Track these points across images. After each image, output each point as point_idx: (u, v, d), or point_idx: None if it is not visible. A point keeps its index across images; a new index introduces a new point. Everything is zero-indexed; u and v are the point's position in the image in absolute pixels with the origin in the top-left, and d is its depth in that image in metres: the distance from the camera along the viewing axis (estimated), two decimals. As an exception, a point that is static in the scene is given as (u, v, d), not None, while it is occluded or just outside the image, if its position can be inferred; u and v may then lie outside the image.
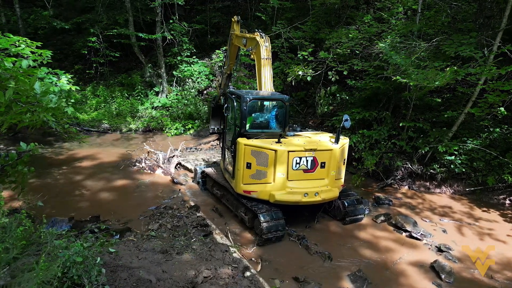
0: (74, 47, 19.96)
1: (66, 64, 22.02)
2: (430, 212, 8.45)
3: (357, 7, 15.23)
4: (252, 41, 8.91)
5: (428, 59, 8.81)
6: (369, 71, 10.48)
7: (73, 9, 21.97)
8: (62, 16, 21.35)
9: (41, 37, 22.85)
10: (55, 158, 11.54)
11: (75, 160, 11.31)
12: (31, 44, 6.26)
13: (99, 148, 12.90)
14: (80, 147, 12.95)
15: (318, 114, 12.40)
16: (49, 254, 3.23)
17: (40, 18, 19.76)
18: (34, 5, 21.80)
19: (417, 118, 10.26)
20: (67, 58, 21.98)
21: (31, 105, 4.00)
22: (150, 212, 7.77)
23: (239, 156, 6.91)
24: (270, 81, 8.33)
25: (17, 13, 18.64)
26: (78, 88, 6.26)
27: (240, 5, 20.33)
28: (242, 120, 7.08)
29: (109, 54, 18.15)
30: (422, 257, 6.47)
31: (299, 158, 6.85)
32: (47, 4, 20.28)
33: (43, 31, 22.33)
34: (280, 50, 13.91)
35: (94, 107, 17.12)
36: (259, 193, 6.95)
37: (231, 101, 7.70)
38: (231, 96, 7.65)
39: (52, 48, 21.47)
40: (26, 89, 3.75)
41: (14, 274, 2.72)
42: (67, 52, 21.61)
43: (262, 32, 8.76)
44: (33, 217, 6.79)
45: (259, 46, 8.41)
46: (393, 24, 11.09)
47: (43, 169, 10.34)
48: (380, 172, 10.04)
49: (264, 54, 8.35)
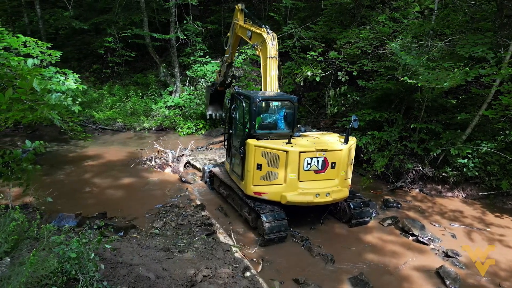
0: (92, 47, 20.42)
1: (85, 63, 22.60)
2: (439, 216, 8.24)
3: (372, 7, 15.01)
4: (258, 37, 8.73)
5: (440, 59, 8.59)
6: (380, 71, 10.30)
7: (93, 10, 22.49)
8: (82, 16, 21.89)
9: (62, 37, 23.56)
10: (68, 155, 11.83)
11: (88, 158, 11.57)
12: (41, 44, 6.43)
13: (112, 146, 13.15)
14: (94, 145, 13.24)
15: (328, 115, 12.27)
16: (44, 249, 3.30)
17: (61, 18, 20.30)
18: (55, 6, 22.40)
19: (429, 120, 10.02)
20: (86, 57, 22.54)
21: (33, 102, 4.11)
22: (156, 210, 7.87)
23: (249, 157, 6.84)
24: (276, 81, 8.23)
25: (38, 14, 19.20)
26: (85, 87, 6.40)
27: (254, 5, 20.33)
28: (251, 121, 7.00)
29: (125, 54, 18.49)
30: (428, 262, 6.31)
31: (310, 159, 6.83)
32: (68, 5, 20.84)
33: (64, 31, 22.98)
34: (292, 50, 13.84)
35: (110, 106, 17.46)
36: (270, 194, 6.89)
37: (239, 102, 7.62)
38: (239, 97, 7.56)
39: (72, 48, 21.93)
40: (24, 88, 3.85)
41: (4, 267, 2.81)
42: (86, 52, 22.16)
43: (269, 28, 8.62)
44: (42, 212, 6.99)
45: (265, 43, 8.25)
46: (404, 24, 10.86)
47: (56, 166, 10.63)
48: (390, 174, 9.86)
49: (270, 53, 8.20)
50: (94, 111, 16.55)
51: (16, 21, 23.35)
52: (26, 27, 21.40)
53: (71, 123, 5.43)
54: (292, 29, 13.52)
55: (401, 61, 8.26)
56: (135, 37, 17.54)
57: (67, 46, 23.04)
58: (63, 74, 6.00)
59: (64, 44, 23.42)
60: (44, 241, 3.40)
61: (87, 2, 22.58)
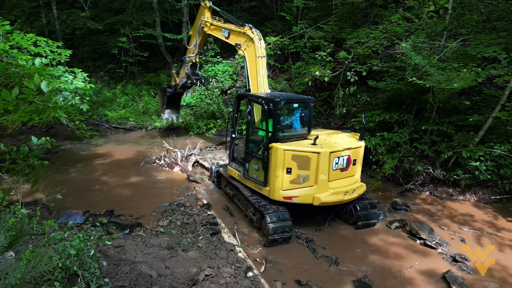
0: (106, 47, 20.77)
1: (100, 63, 23.00)
2: (449, 220, 8.07)
3: (385, 6, 14.82)
4: (240, 36, 8.58)
5: (453, 60, 8.41)
6: (391, 71, 10.15)
7: (109, 11, 22.87)
8: (98, 17, 22.29)
9: (79, 37, 24.03)
10: (81, 153, 12.06)
11: (99, 156, 11.77)
12: (52, 43, 6.58)
13: (123, 145, 13.34)
14: (106, 143, 13.49)
15: (337, 115, 12.16)
16: (45, 245, 3.37)
17: (77, 19, 20.71)
18: (72, 6, 22.88)
19: (441, 121, 9.82)
20: (101, 57, 22.92)
21: (39, 103, 4.20)
22: (162, 208, 7.94)
23: (277, 162, 6.64)
24: (266, 81, 8.25)
25: (54, 14, 19.63)
26: (93, 86, 6.52)
27: (266, 5, 20.33)
28: (275, 124, 6.79)
29: (138, 54, 18.74)
30: (435, 266, 6.19)
31: (338, 158, 6.91)
32: (84, 6, 21.27)
33: (80, 31, 23.42)
34: (302, 50, 13.78)
35: (123, 105, 17.72)
36: (301, 197, 6.79)
37: (256, 106, 7.39)
38: (257, 99, 7.28)
39: (88, 48, 22.36)
40: (31, 88, 3.93)
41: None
42: (101, 51, 22.53)
43: (253, 26, 8.47)
44: (51, 208, 7.15)
45: (253, 43, 8.15)
46: (416, 24, 10.67)
47: (68, 164, 10.85)
48: (400, 176, 9.71)
49: (259, 52, 8.18)
50: (107, 110, 16.83)
51: (35, 22, 23.93)
52: (44, 28, 21.91)
53: (77, 121, 5.53)
54: (302, 29, 13.45)
55: (410, 61, 8.12)
56: (148, 37, 17.76)
57: (83, 46, 23.52)
58: (72, 73, 6.13)
59: (81, 44, 23.93)
60: (44, 237, 3.46)
61: (103, 3, 22.97)
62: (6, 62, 4.12)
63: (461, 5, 11.01)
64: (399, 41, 9.95)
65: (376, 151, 10.07)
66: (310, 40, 13.39)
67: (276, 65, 16.56)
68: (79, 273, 3.75)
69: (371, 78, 11.65)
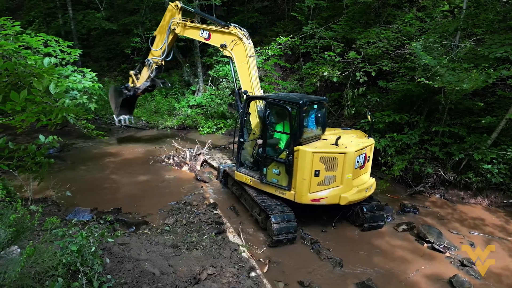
0: (120, 47, 21.08)
1: (114, 63, 23.38)
2: (459, 224, 7.91)
3: (398, 6, 14.62)
4: (226, 36, 8.41)
5: (465, 60, 8.22)
6: (401, 72, 9.99)
7: (123, 11, 23.24)
8: (113, 17, 22.67)
9: (94, 38, 24.49)
10: (92, 151, 12.26)
11: (110, 155, 11.95)
12: (62, 43, 6.72)
13: (134, 144, 13.52)
14: (117, 142, 13.69)
15: (345, 116, 12.05)
16: (46, 241, 3.45)
17: (93, 19, 21.09)
18: (88, 7, 23.32)
19: (453, 123, 9.62)
20: (115, 57, 23.29)
21: (47, 104, 4.29)
22: (169, 207, 8.02)
23: (305, 165, 6.60)
24: (259, 82, 8.23)
25: (70, 15, 20.02)
26: (101, 85, 6.62)
27: (278, 5, 20.29)
28: (300, 127, 6.71)
29: (150, 54, 18.93)
30: (441, 270, 6.08)
31: (359, 157, 7.01)
32: (100, 7, 21.64)
33: (96, 32, 23.86)
34: (313, 50, 13.70)
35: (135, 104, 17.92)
36: (328, 198, 6.82)
37: (278, 109, 7.19)
38: (278, 102, 7.03)
39: (103, 48, 22.78)
40: (39, 90, 4.02)
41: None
42: (115, 51, 22.89)
43: (238, 26, 8.39)
44: (60, 205, 7.31)
45: (241, 43, 8.05)
46: (428, 23, 10.48)
47: (80, 162, 11.06)
48: (409, 178, 9.56)
49: (249, 51, 8.10)
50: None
51: (52, 22, 24.50)
52: (61, 28, 22.41)
53: (83, 121, 5.64)
54: (313, 29, 13.37)
55: (420, 61, 7.98)
56: (160, 38, 17.90)
57: (98, 46, 23.95)
58: (81, 73, 6.25)
59: (96, 44, 24.37)
60: (47, 234, 3.54)
61: (118, 4, 23.35)
62: (14, 61, 4.22)
63: (476, 4, 10.76)
64: (409, 41, 9.78)
65: (386, 153, 9.93)
66: (320, 40, 13.31)
67: (287, 66, 16.51)
68: (79, 270, 3.81)
69: (382, 79, 11.51)
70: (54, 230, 3.60)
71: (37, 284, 3.70)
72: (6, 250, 3.23)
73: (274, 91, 15.29)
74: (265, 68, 15.55)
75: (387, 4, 14.11)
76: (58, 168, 10.30)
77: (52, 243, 3.65)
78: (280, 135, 7.38)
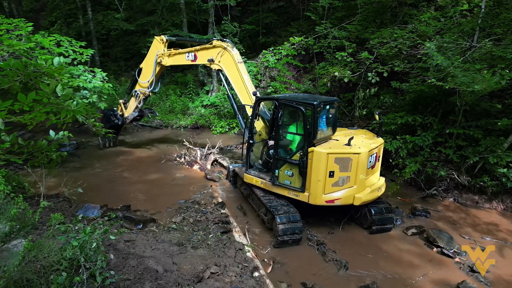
0: (137, 47, 21.44)
1: (132, 63, 23.82)
2: (471, 229, 7.70)
3: (416, 5, 14.34)
4: (211, 51, 8.84)
5: (480, 61, 7.99)
6: (414, 73, 9.79)
7: (142, 12, 23.65)
8: (132, 18, 23.09)
9: (113, 38, 25.03)
10: (107, 149, 12.49)
11: (124, 153, 12.17)
12: (75, 44, 6.90)
13: (147, 142, 13.73)
14: (132, 140, 13.93)
15: (356, 117, 11.89)
16: (49, 236, 3.56)
17: (112, 20, 21.55)
18: (108, 8, 23.84)
19: (468, 125, 9.36)
20: (133, 57, 23.73)
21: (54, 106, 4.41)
22: (178, 205, 8.11)
23: (319, 166, 6.58)
24: (252, 84, 8.53)
25: (89, 16, 20.50)
26: (111, 85, 6.76)
27: (294, 4, 20.23)
28: (314, 128, 6.67)
29: (166, 54, 19.19)
30: (450, 276, 5.94)
31: (371, 156, 7.00)
32: (119, 8, 22.09)
33: (115, 32, 24.38)
34: (326, 50, 13.60)
35: (150, 103, 18.21)
36: (343, 199, 6.81)
37: (292, 110, 7.16)
38: (292, 103, 6.98)
39: (121, 48, 23.25)
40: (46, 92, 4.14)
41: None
42: (133, 51, 23.32)
43: (218, 37, 8.66)
44: (72, 201, 7.50)
45: (227, 52, 8.50)
46: (442, 23, 10.22)
47: (94, 159, 11.32)
48: (421, 181, 9.36)
49: (236, 59, 8.53)
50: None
51: (73, 23, 25.18)
52: (82, 28, 23.00)
53: (92, 119, 5.78)
54: (326, 29, 13.27)
55: (432, 62, 7.80)
56: (175, 38, 18.12)
57: (117, 46, 24.46)
58: (92, 72, 6.41)
59: (115, 44, 24.90)
60: (50, 229, 3.65)
61: (137, 5, 23.76)
62: (25, 61, 4.36)
63: (496, 3, 10.45)
64: (421, 41, 9.56)
65: (397, 155, 9.76)
66: (333, 40, 13.19)
67: (299, 65, 16.46)
68: (81, 265, 3.91)
69: (397, 79, 11.31)
70: (56, 226, 3.71)
71: (42, 278, 3.83)
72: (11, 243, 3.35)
73: (286, 91, 15.25)
74: (278, 68, 15.54)
75: (404, 3, 13.86)
76: (73, 165, 10.59)
77: (55, 238, 3.75)
78: (292, 136, 7.36)
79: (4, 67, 4.27)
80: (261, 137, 8.15)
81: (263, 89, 16.35)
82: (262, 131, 8.17)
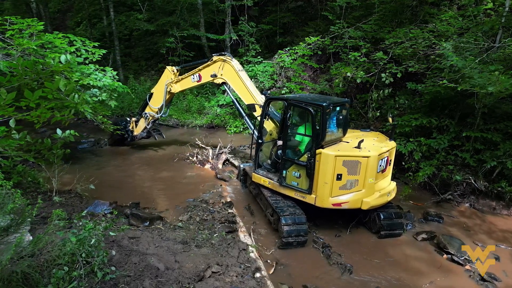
0: (157, 47, 21.81)
1: (152, 62, 24.25)
2: (486, 236, 7.42)
3: (437, 4, 13.95)
4: (212, 66, 9.22)
5: (499, 62, 7.67)
6: (428, 73, 9.51)
7: (163, 13, 24.04)
8: (154, 19, 23.51)
9: (135, 38, 25.56)
10: (120, 147, 12.72)
11: (138, 151, 12.39)
12: (88, 43, 7.09)
13: (162, 141, 13.90)
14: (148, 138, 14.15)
15: (370, 118, 11.66)
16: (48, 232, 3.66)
17: (133, 21, 22.02)
18: (131, 9, 24.35)
19: (486, 128, 9.02)
20: (153, 57, 24.16)
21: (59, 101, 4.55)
22: (186, 203, 8.19)
23: (327, 168, 6.51)
24: (256, 89, 8.77)
25: (111, 16, 21.01)
26: (121, 84, 6.90)
27: (312, 4, 20.06)
28: (323, 130, 6.59)
29: (184, 53, 19.45)
30: (458, 284, 5.76)
31: (381, 160, 6.86)
32: (142, 8, 22.54)
33: (137, 32, 24.90)
34: (342, 50, 13.42)
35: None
36: (350, 203, 6.71)
37: (300, 111, 7.16)
38: (300, 104, 6.95)
39: (142, 48, 23.71)
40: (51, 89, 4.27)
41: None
42: (153, 51, 23.73)
43: (215, 54, 9.16)
44: (83, 198, 7.70)
45: (226, 64, 8.84)
46: (461, 22, 9.87)
47: (108, 157, 11.59)
48: (436, 185, 9.09)
49: (237, 68, 8.85)
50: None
51: (97, 23, 25.88)
52: (105, 29, 23.62)
53: (100, 116, 5.91)
54: (341, 28, 13.09)
55: (446, 62, 7.55)
56: (193, 38, 18.34)
57: (139, 46, 24.95)
58: (103, 71, 6.57)
59: (136, 44, 25.40)
60: (51, 225, 3.77)
61: (159, 5, 24.18)
62: (33, 60, 4.51)
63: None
64: (437, 41, 9.26)
65: (411, 157, 9.51)
66: (349, 40, 13.00)
67: (314, 66, 16.30)
68: (80, 260, 4.00)
69: (415, 80, 11.02)
70: (56, 221, 3.82)
71: (45, 271, 3.95)
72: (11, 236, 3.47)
73: (300, 91, 15.14)
74: (293, 68, 15.44)
75: (425, 2, 13.50)
76: (88, 162, 10.87)
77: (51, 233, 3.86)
78: (301, 137, 7.30)
79: (14, 66, 4.42)
80: (272, 137, 8.13)
81: (279, 89, 16.29)
82: (274, 131, 8.15)
